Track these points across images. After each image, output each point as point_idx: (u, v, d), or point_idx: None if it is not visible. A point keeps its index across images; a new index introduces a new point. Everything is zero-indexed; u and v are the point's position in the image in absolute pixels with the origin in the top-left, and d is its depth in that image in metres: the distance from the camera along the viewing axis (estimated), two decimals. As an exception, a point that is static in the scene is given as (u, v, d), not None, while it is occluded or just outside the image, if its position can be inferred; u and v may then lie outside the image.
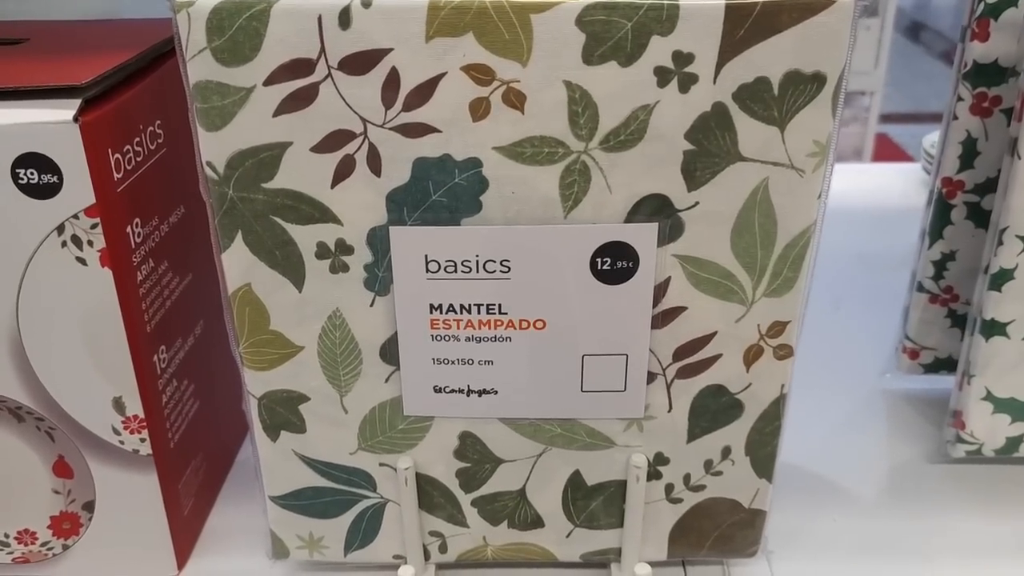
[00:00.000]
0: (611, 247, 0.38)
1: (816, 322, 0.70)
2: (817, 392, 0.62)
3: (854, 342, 0.67)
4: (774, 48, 0.34)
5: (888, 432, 0.59)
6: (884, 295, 0.71)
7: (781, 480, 0.54)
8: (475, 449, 0.43)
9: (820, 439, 0.58)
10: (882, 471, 0.55)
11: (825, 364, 0.65)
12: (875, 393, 0.62)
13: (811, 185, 0.37)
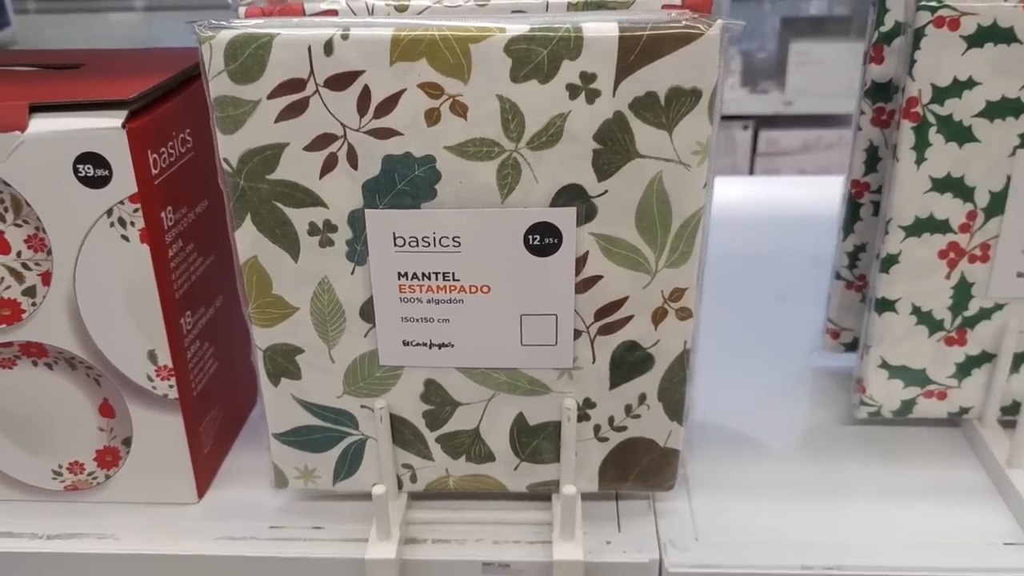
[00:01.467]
0: (540, 226, 0.48)
1: (764, 312, 0.80)
2: (756, 367, 0.72)
3: (793, 328, 0.76)
4: (659, 69, 0.44)
5: (810, 400, 0.68)
6: (826, 290, 0.80)
7: (710, 436, 0.64)
8: (437, 394, 0.53)
9: (751, 405, 0.67)
10: (800, 430, 0.65)
11: (766, 345, 0.74)
12: (804, 369, 0.71)
13: (697, 177, 0.47)
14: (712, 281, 0.86)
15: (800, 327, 0.76)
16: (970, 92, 0.54)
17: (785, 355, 0.73)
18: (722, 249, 0.92)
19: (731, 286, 0.84)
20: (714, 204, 0.49)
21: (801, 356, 0.73)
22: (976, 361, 0.60)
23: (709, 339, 0.75)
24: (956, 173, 0.56)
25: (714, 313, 0.79)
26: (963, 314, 0.59)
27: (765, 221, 0.99)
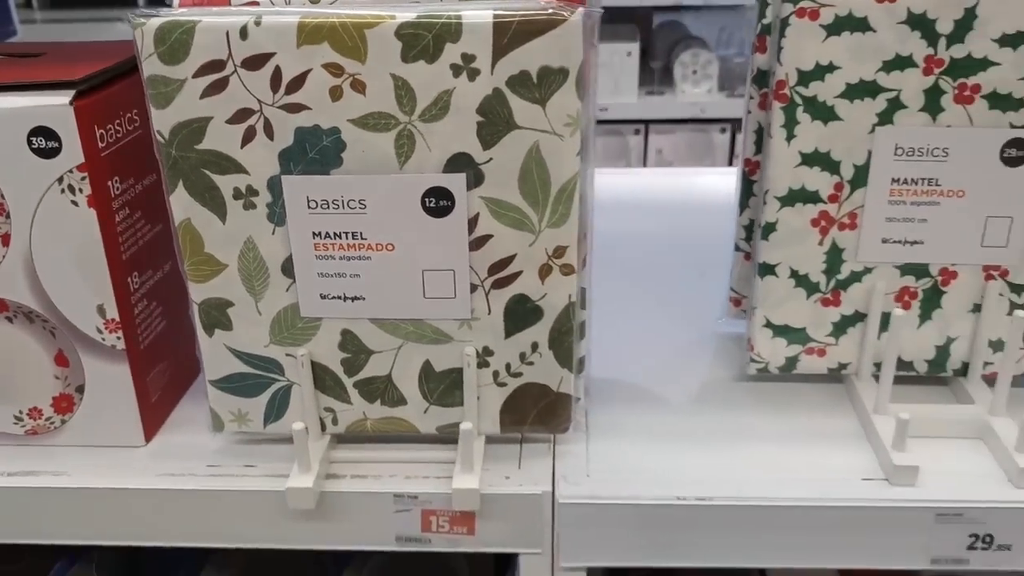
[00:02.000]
0: (434, 190, 0.54)
1: (684, 286, 0.86)
2: (668, 332, 0.78)
3: (707, 300, 0.83)
4: (530, 51, 0.51)
5: (711, 361, 0.74)
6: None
7: (616, 390, 0.70)
8: (353, 343, 0.59)
9: (658, 365, 0.73)
10: (696, 386, 0.71)
11: (680, 314, 0.81)
12: (711, 334, 0.77)
13: (570, 146, 0.53)
14: (644, 259, 0.93)
15: (713, 299, 0.82)
16: (831, 75, 0.61)
17: (695, 322, 0.79)
18: (657, 231, 0.99)
19: (659, 264, 0.91)
20: (658, 193, 0.56)
21: (709, 323, 0.79)
22: (850, 320, 0.67)
23: (630, 308, 0.82)
24: (823, 148, 0.62)
25: (640, 286, 0.86)
26: (836, 277, 0.66)
27: (701, 208, 1.05)
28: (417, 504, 0.60)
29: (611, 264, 0.91)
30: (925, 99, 0.61)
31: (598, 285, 0.86)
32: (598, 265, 0.90)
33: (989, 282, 0.64)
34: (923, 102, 0.61)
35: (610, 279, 0.87)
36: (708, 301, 0.82)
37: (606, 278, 0.88)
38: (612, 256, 0.92)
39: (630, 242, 0.96)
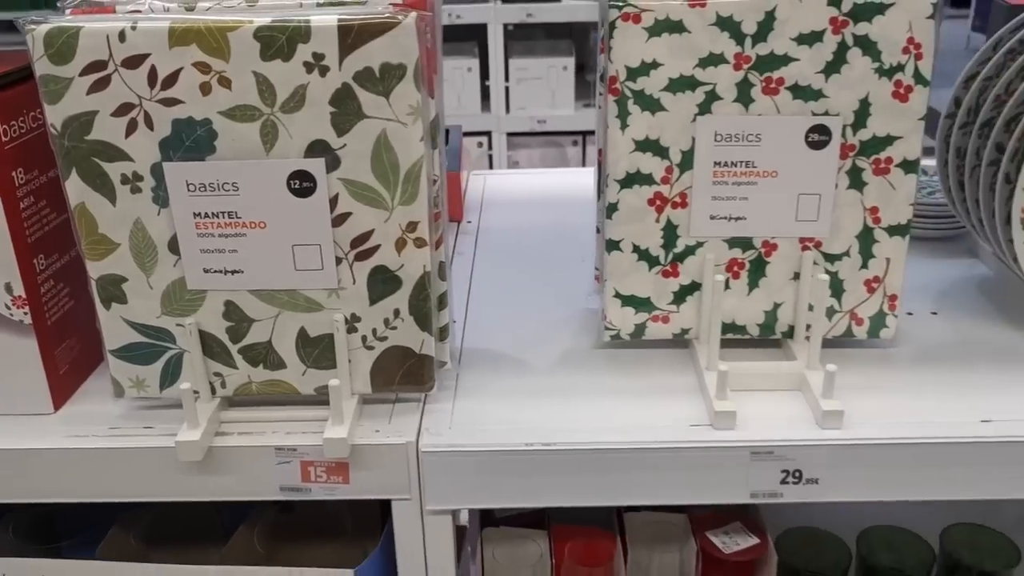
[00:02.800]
0: (298, 174, 0.62)
1: (564, 270, 0.94)
2: (541, 308, 0.86)
3: (583, 281, 0.91)
4: (371, 50, 0.59)
5: (575, 332, 0.82)
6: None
7: (487, 357, 0.78)
8: (235, 312, 0.67)
9: (527, 336, 0.81)
10: (559, 353, 0.79)
11: (556, 294, 0.89)
12: (579, 309, 0.85)
13: (414, 132, 0.61)
14: (533, 248, 1.01)
15: (588, 280, 0.91)
16: (656, 71, 0.69)
17: (567, 300, 0.87)
18: (548, 223, 1.07)
19: (546, 251, 0.99)
20: (547, 188, 0.62)
21: (580, 300, 0.87)
22: (688, 290, 0.75)
23: (512, 289, 0.90)
24: (653, 136, 0.71)
25: (524, 271, 0.94)
26: (673, 251, 0.74)
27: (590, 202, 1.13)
28: (296, 456, 0.67)
29: (502, 252, 0.99)
30: (737, 91, 0.69)
31: (487, 270, 0.94)
32: (490, 253, 0.99)
33: (805, 252, 0.73)
34: (736, 94, 0.69)
35: (499, 265, 0.95)
36: (583, 282, 0.91)
37: (495, 264, 0.96)
38: (504, 245, 1.00)
39: (522, 233, 1.04)
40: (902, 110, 0.69)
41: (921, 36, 0.67)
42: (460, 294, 0.90)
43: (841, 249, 0.73)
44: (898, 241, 0.72)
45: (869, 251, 0.73)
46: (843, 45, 0.68)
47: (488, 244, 1.01)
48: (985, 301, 0.85)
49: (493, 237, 1.03)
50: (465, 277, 0.93)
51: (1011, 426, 0.67)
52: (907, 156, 0.70)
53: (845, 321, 0.75)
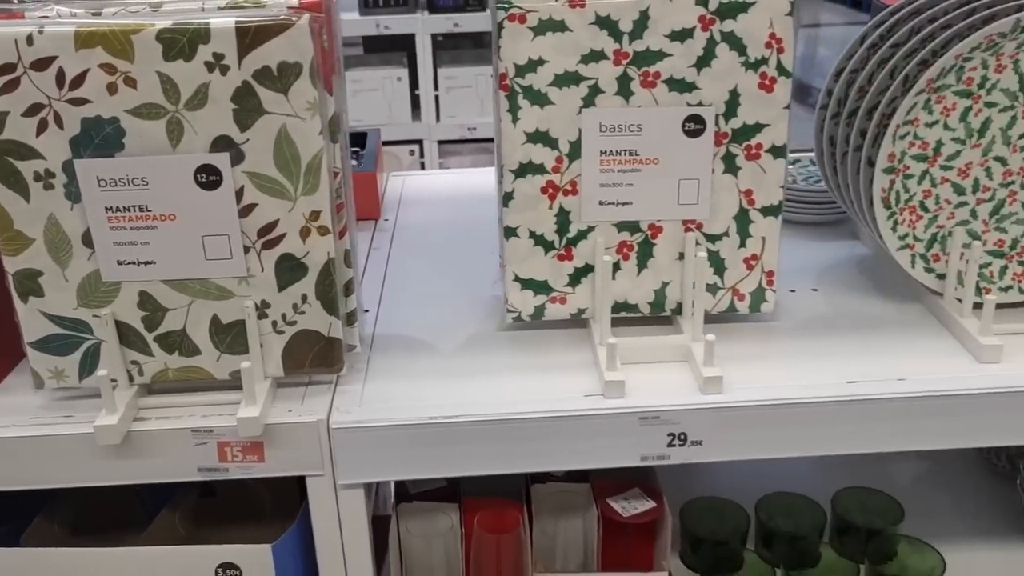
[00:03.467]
0: (204, 167, 0.66)
1: (476, 262, 0.98)
2: (452, 298, 0.90)
3: (494, 269, 0.96)
4: (269, 49, 0.63)
5: (482, 317, 0.87)
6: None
7: (398, 343, 0.82)
8: (150, 302, 0.70)
9: (438, 322, 0.86)
10: (466, 336, 0.83)
11: (466, 283, 0.93)
12: (487, 296, 0.90)
13: (312, 127, 0.66)
14: (448, 242, 1.05)
15: (495, 269, 0.96)
16: (542, 68, 0.74)
17: (476, 289, 0.92)
18: (461, 219, 1.11)
19: (460, 245, 1.03)
20: (462, 186, 0.65)
21: (487, 288, 0.92)
22: (582, 272, 0.80)
23: (425, 280, 0.95)
24: (542, 128, 0.76)
25: (438, 263, 0.99)
26: (567, 236, 0.79)
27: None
28: (213, 437, 0.71)
29: (416, 247, 1.03)
30: (618, 85, 0.75)
31: (401, 264, 0.99)
32: (404, 248, 1.03)
33: (688, 233, 0.79)
34: (617, 88, 0.75)
35: (413, 259, 1.00)
36: (491, 272, 0.95)
37: (409, 258, 1.00)
38: (418, 240, 1.05)
39: (436, 229, 1.08)
40: (768, 100, 0.75)
41: (782, 32, 0.73)
42: (375, 286, 0.94)
43: (720, 230, 0.79)
44: (771, 221, 0.79)
45: (746, 231, 0.79)
46: (712, 41, 0.74)
47: (403, 240, 1.06)
48: (863, 278, 0.92)
49: (409, 233, 1.08)
50: (380, 271, 0.98)
51: (874, 385, 0.73)
52: (775, 142, 0.76)
53: (728, 297, 0.81)
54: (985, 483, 1.11)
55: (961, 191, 0.81)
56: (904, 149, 0.79)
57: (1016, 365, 0.75)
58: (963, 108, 0.78)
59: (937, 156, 0.79)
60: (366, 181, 1.10)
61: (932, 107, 0.77)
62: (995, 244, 0.83)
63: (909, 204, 0.81)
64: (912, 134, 0.78)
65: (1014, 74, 0.76)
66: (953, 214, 0.81)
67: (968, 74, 0.76)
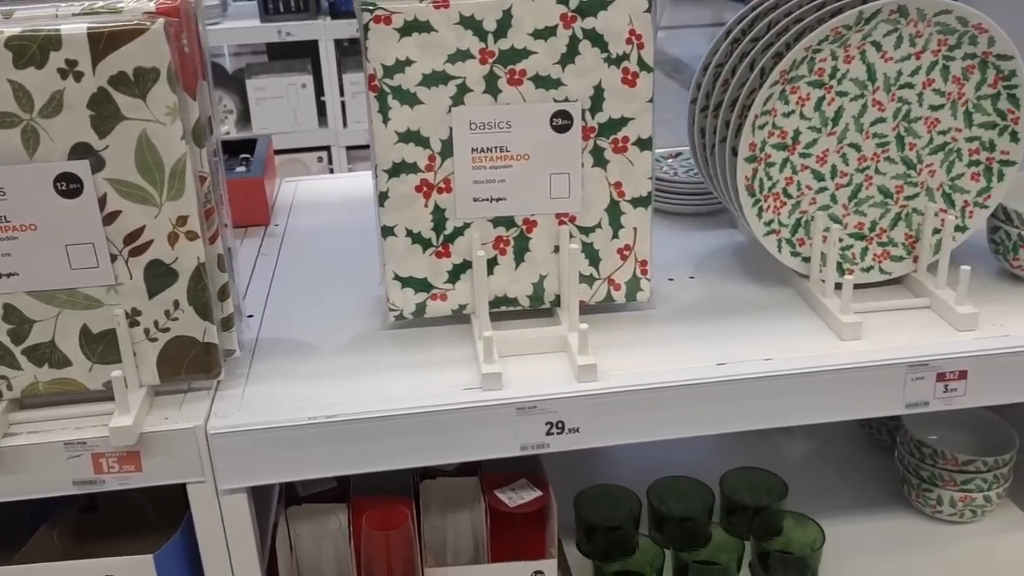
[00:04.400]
0: (64, 176, 0.65)
1: (364, 265, 0.98)
2: (338, 300, 0.91)
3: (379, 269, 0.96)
4: (123, 55, 0.63)
5: (366, 316, 0.87)
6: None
7: (281, 345, 0.82)
8: (15, 315, 0.69)
9: (322, 324, 0.86)
10: (350, 337, 0.84)
11: (353, 286, 0.93)
12: (372, 296, 0.90)
13: (174, 131, 0.66)
14: (338, 245, 1.04)
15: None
16: (410, 68, 0.75)
17: (360, 289, 0.92)
18: (350, 223, 1.12)
19: (346, 248, 1.03)
20: (354, 190, 0.65)
21: (372, 288, 0.92)
22: (461, 268, 0.81)
23: (314, 283, 0.95)
24: (414, 128, 0.77)
25: (327, 266, 0.99)
26: (443, 233, 0.80)
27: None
28: (87, 449, 0.70)
29: (305, 251, 1.03)
30: (486, 84, 0.76)
31: (289, 268, 0.99)
32: (293, 253, 1.03)
33: (561, 227, 0.81)
34: (484, 86, 0.76)
35: (300, 263, 1.00)
36: (377, 272, 0.96)
37: (297, 263, 1.00)
38: (307, 245, 1.05)
39: (325, 233, 1.08)
40: (632, 94, 0.77)
41: (641, 28, 0.76)
42: (261, 291, 0.93)
43: (593, 222, 0.81)
44: (641, 212, 0.81)
45: (618, 222, 0.81)
46: (574, 38, 0.76)
47: (292, 245, 1.05)
48: (738, 265, 0.95)
49: (298, 238, 1.07)
50: (267, 276, 0.97)
51: (741, 366, 0.76)
52: (640, 135, 0.79)
53: (604, 287, 0.83)
54: (868, 456, 1.16)
55: (820, 177, 0.84)
56: (764, 138, 0.82)
57: (875, 341, 0.79)
58: (816, 98, 0.81)
59: (796, 144, 0.83)
60: (253, 187, 1.09)
61: (788, 97, 0.81)
62: (855, 227, 0.87)
63: (773, 191, 0.84)
64: (771, 124, 0.82)
65: (862, 64, 0.80)
66: (815, 199, 0.85)
67: (819, 65, 0.80)
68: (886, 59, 0.80)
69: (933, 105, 0.83)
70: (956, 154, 0.85)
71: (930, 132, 0.84)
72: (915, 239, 0.87)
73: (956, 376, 0.77)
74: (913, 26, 0.79)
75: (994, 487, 1.00)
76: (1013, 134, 0.84)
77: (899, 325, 0.81)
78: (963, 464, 0.99)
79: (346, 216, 1.14)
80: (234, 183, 1.10)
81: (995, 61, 0.81)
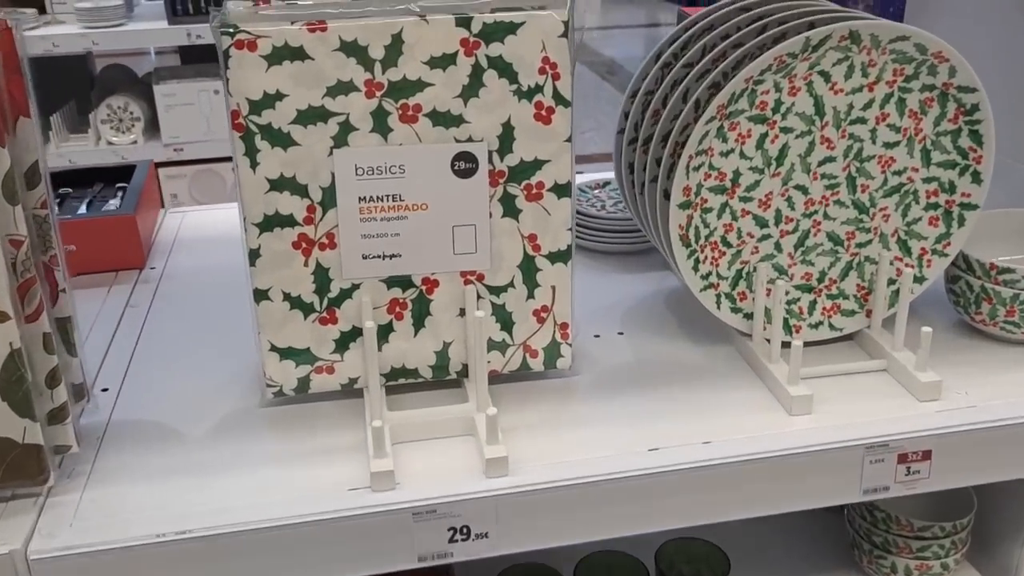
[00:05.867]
0: None
1: (239, 334, 0.84)
2: (210, 366, 0.77)
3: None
4: None
5: (245, 388, 0.74)
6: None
7: (135, 432, 0.69)
8: None
9: (189, 400, 0.73)
10: (221, 417, 0.71)
11: (233, 344, 0.80)
12: (255, 361, 0.77)
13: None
14: (217, 293, 0.91)
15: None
16: (281, 103, 0.63)
17: (242, 350, 0.78)
18: (240, 264, 0.98)
19: (232, 296, 0.90)
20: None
21: (256, 349, 0.79)
22: (350, 336, 0.69)
23: (184, 342, 0.81)
24: (288, 173, 0.64)
25: (202, 320, 0.85)
26: (328, 296, 0.68)
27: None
28: None
29: (182, 300, 0.90)
30: (374, 121, 0.64)
31: (160, 323, 0.85)
32: (168, 303, 0.88)
33: (468, 286, 0.69)
34: (372, 124, 0.64)
35: (176, 316, 0.86)
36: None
37: (172, 315, 0.87)
38: (186, 292, 0.91)
39: (210, 276, 0.94)
40: (547, 132, 0.66)
41: (556, 56, 0.64)
42: (123, 356, 0.80)
43: (505, 280, 0.69)
44: (560, 268, 0.70)
45: (533, 280, 0.70)
46: (478, 67, 0.64)
47: (168, 293, 0.92)
48: (671, 317, 0.84)
49: (176, 285, 0.94)
50: (133, 335, 0.83)
51: (677, 452, 0.65)
52: (558, 180, 0.67)
53: (520, 354, 0.72)
54: (816, 518, 1.06)
55: (763, 223, 0.74)
56: (700, 181, 0.71)
57: (827, 414, 0.69)
58: (759, 135, 0.71)
59: (736, 187, 0.72)
60: (123, 227, 0.95)
61: (726, 135, 0.70)
62: (802, 278, 0.76)
63: (710, 240, 0.73)
64: (707, 164, 0.71)
65: (809, 96, 0.70)
66: (757, 248, 0.75)
67: (761, 98, 0.69)
68: (836, 91, 0.70)
69: (888, 142, 0.73)
70: (913, 196, 0.75)
71: (884, 172, 0.74)
72: (868, 291, 0.77)
73: (919, 457, 0.67)
74: (866, 54, 0.69)
75: (951, 553, 0.91)
76: (975, 174, 0.74)
77: (853, 392, 0.72)
78: (919, 530, 0.90)
79: (235, 255, 0.99)
80: (101, 223, 0.96)
81: (956, 93, 0.72)
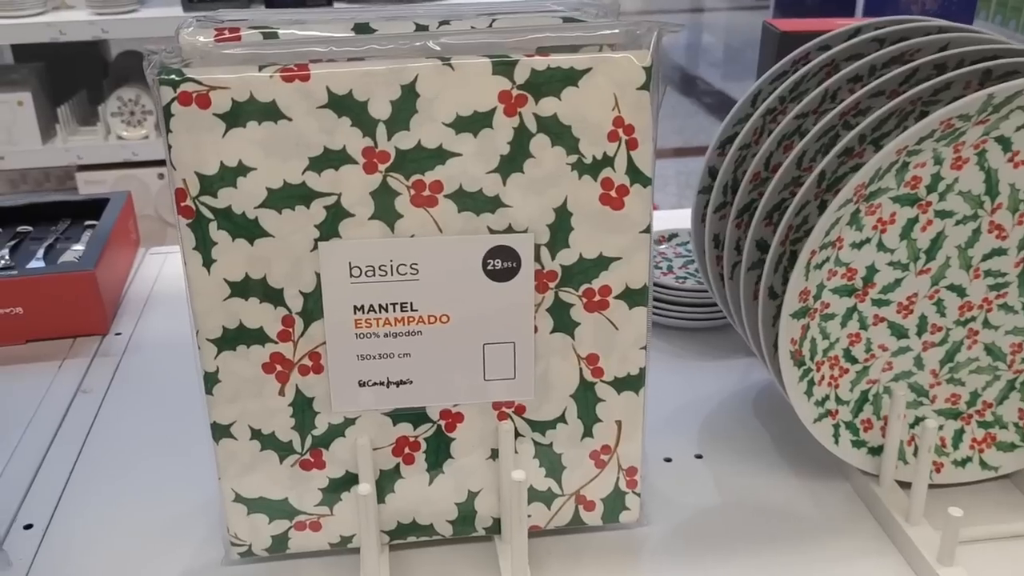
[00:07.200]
0: None
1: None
2: (166, 500, 0.60)
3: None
4: None
5: (204, 536, 0.56)
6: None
7: None
8: None
9: (137, 549, 0.55)
10: (176, 573, 0.53)
11: (191, 472, 0.63)
12: (215, 495, 0.60)
13: None
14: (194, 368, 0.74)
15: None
16: (245, 179, 0.45)
17: (202, 483, 0.60)
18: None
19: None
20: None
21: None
22: (342, 484, 0.51)
23: (143, 446, 0.64)
24: (256, 274, 0.46)
25: (169, 411, 0.68)
26: (312, 433, 0.50)
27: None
28: None
29: (148, 380, 0.72)
30: (375, 203, 0.46)
31: (117, 416, 0.68)
32: (130, 384, 0.73)
33: (503, 422, 0.51)
34: (373, 208, 0.46)
35: (137, 404, 0.69)
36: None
37: (132, 403, 0.70)
38: (155, 367, 0.74)
39: (189, 343, 0.77)
40: (617, 220, 0.47)
41: (633, 116, 0.46)
42: (61, 470, 0.62)
43: (554, 414, 0.51)
44: (630, 398, 0.51)
45: (592, 414, 0.51)
46: (523, 131, 0.45)
47: (132, 371, 0.74)
48: (763, 430, 0.65)
49: (144, 358, 0.76)
50: (79, 437, 0.66)
51: (790, 669, 0.47)
52: (630, 283, 0.49)
53: (571, 506, 0.53)
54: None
55: (902, 333, 0.55)
56: (822, 281, 0.52)
57: (993, 608, 0.50)
58: (905, 220, 0.52)
59: (869, 287, 0.53)
60: (81, 285, 0.78)
61: (861, 220, 0.51)
62: (947, 401, 0.57)
63: (829, 355, 0.55)
64: (834, 259, 0.52)
65: (979, 171, 0.51)
66: (890, 364, 0.56)
67: (914, 172, 0.50)
68: (1016, 164, 0.51)
69: (1077, 227, 0.54)
70: (1103, 297, 0.56)
71: (1068, 266, 0.55)
72: (1033, 417, 0.58)
73: None
74: (1062, 111, 0.50)
75: None
76: None
77: (1014, 562, 0.53)
78: None
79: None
80: (54, 280, 0.78)
81: None
